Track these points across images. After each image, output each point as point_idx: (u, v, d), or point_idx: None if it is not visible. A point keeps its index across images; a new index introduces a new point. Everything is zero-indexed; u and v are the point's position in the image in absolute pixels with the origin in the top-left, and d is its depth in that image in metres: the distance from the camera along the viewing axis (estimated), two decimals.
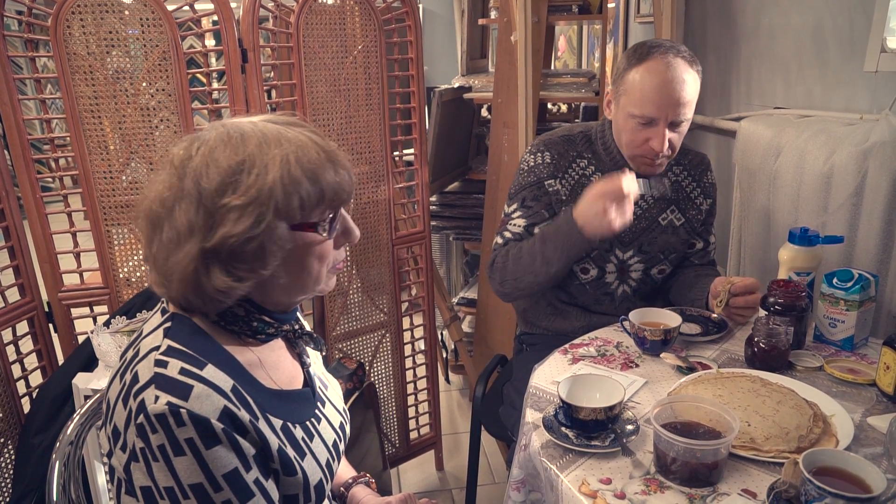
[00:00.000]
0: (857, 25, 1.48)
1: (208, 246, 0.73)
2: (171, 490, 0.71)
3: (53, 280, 1.59)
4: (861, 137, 1.38)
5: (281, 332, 0.86)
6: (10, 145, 1.48)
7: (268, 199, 0.73)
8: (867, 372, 1.16)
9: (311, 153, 0.76)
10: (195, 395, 0.71)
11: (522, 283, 1.42)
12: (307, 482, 0.82)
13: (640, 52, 1.34)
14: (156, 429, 0.70)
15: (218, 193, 0.73)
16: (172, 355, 0.74)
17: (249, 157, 0.74)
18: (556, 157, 1.47)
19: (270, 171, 0.73)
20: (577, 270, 1.51)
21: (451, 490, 2.20)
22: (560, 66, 4.40)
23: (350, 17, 1.75)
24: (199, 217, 0.73)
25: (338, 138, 1.80)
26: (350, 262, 1.91)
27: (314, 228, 0.79)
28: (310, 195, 0.76)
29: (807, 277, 1.34)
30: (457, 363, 2.84)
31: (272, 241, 0.75)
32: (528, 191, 1.49)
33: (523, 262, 1.40)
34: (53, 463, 1.01)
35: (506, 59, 2.14)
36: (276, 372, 0.86)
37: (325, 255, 0.82)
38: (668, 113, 1.32)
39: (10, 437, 1.52)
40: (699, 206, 1.55)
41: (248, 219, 0.73)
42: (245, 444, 0.74)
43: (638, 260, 1.52)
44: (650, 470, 0.93)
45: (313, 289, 0.84)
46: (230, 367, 0.78)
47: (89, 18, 1.45)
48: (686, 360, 1.24)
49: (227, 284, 0.74)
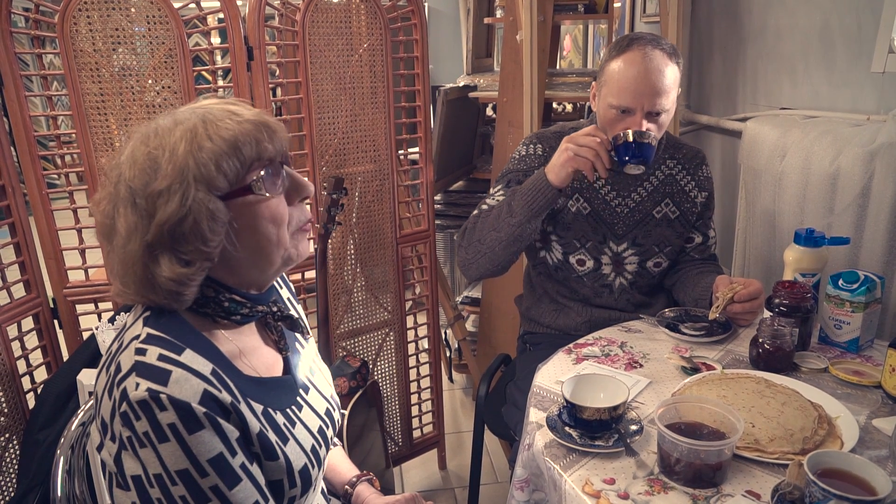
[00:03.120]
0: (865, 26, 1.47)
1: (149, 239, 0.75)
2: (160, 477, 0.72)
3: (59, 276, 1.59)
4: (868, 138, 1.38)
5: (256, 313, 0.86)
6: (17, 142, 1.48)
7: (185, 174, 0.75)
8: (872, 374, 1.16)
9: (223, 122, 0.77)
10: (174, 380, 0.72)
11: (485, 243, 1.40)
12: (290, 467, 0.83)
13: (621, 44, 1.36)
14: (139, 416, 0.71)
15: (143, 186, 0.75)
16: (151, 342, 0.75)
17: (160, 142, 0.76)
18: (548, 150, 1.49)
19: (179, 147, 0.75)
20: (573, 262, 1.53)
21: (454, 489, 2.20)
22: (565, 65, 4.40)
23: (356, 16, 1.75)
24: (136, 215, 0.76)
25: (343, 136, 1.80)
26: (354, 260, 1.92)
27: (249, 191, 0.79)
28: (229, 160, 0.76)
29: (812, 279, 1.34)
30: (460, 362, 2.84)
31: (206, 216, 0.75)
32: (514, 175, 1.51)
33: (489, 219, 1.41)
34: (58, 459, 1.02)
35: (511, 58, 2.14)
36: (255, 359, 0.86)
37: (277, 216, 0.81)
38: (644, 103, 1.33)
39: (15, 433, 1.52)
40: (694, 198, 1.55)
41: (175, 198, 0.74)
42: (228, 427, 0.75)
43: (632, 253, 1.52)
44: (654, 470, 0.93)
45: (279, 255, 0.83)
46: (209, 352, 0.79)
47: (96, 16, 1.45)
48: (690, 361, 1.23)
49: (176, 272, 0.75)
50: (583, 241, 1.51)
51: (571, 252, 1.52)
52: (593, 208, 1.50)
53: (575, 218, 1.49)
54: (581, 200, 1.49)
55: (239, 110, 0.80)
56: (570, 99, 2.34)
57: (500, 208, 1.40)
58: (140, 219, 0.75)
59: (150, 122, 0.80)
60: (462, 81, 2.70)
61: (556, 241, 1.53)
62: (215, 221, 0.76)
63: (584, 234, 1.50)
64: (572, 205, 1.49)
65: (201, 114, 0.78)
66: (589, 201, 1.49)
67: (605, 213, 1.50)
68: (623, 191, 1.50)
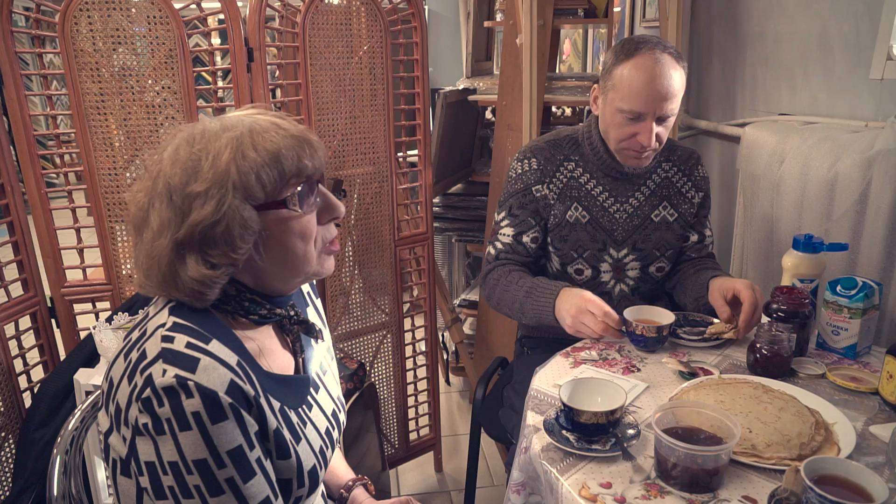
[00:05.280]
0: (864, 32, 1.48)
1: (179, 237, 0.76)
2: (176, 465, 0.72)
3: (56, 276, 1.59)
4: (866, 145, 1.38)
5: (274, 315, 0.87)
6: (16, 141, 1.48)
7: (224, 180, 0.76)
8: (870, 380, 1.16)
9: (268, 133, 0.79)
10: (202, 368, 0.72)
11: (503, 311, 1.52)
12: (301, 467, 0.83)
13: (628, 47, 1.36)
14: (162, 402, 0.71)
15: (182, 185, 0.76)
16: (178, 330, 0.76)
17: (206, 146, 0.77)
18: (543, 162, 1.50)
19: (223, 153, 0.76)
20: (571, 272, 1.53)
21: (450, 492, 2.20)
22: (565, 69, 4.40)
23: (356, 18, 1.76)
24: (170, 212, 0.77)
25: (342, 138, 1.80)
26: (352, 262, 1.91)
27: (283, 205, 0.80)
28: (269, 172, 0.77)
29: (810, 284, 1.34)
30: (457, 365, 2.84)
31: (238, 223, 0.76)
32: (515, 198, 1.52)
33: (506, 299, 1.48)
34: (54, 458, 1.01)
35: (511, 61, 2.15)
36: (272, 359, 0.87)
37: (306, 232, 0.82)
38: (655, 108, 1.34)
39: (11, 432, 1.52)
40: (691, 199, 1.56)
41: (211, 202, 0.75)
42: (250, 420, 0.76)
43: (634, 258, 1.53)
44: (651, 475, 0.93)
45: (304, 270, 0.84)
46: (234, 344, 0.79)
47: (96, 16, 1.45)
48: (688, 366, 1.23)
49: (202, 273, 0.76)
50: (580, 251, 1.51)
51: (569, 262, 1.53)
52: (592, 216, 1.50)
53: (573, 227, 1.50)
54: (580, 209, 1.50)
55: (285, 124, 0.81)
56: (569, 103, 2.34)
57: (514, 300, 1.45)
58: (174, 216, 0.77)
59: (197, 123, 0.82)
60: (461, 84, 2.71)
61: (554, 253, 1.53)
62: (246, 230, 0.77)
63: (582, 243, 1.51)
64: (571, 214, 1.49)
65: (249, 123, 0.80)
66: (588, 209, 1.50)
67: (603, 219, 1.50)
68: (620, 196, 1.50)
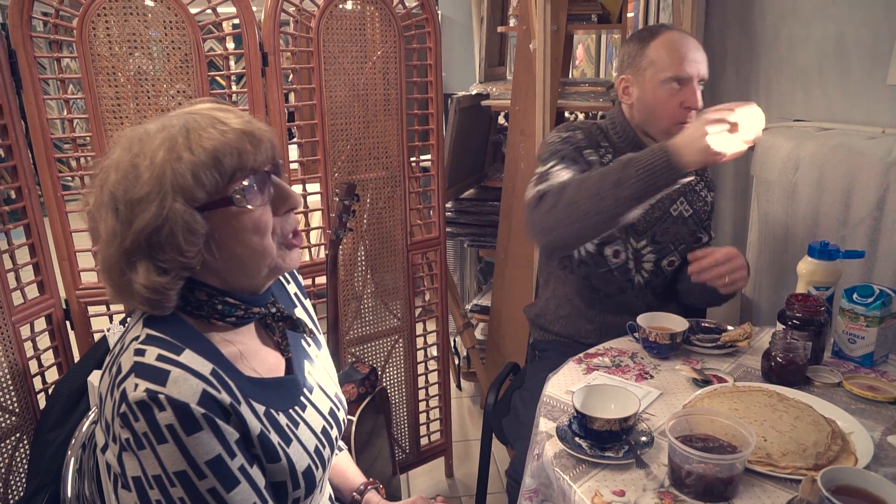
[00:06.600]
0: (881, 37, 1.46)
1: (127, 245, 0.75)
2: (159, 478, 0.72)
3: (72, 278, 1.60)
4: (883, 152, 1.37)
5: (252, 314, 0.85)
6: (34, 144, 1.50)
7: (162, 182, 0.74)
8: (887, 389, 1.15)
9: (205, 131, 0.76)
10: (172, 380, 0.72)
11: (581, 208, 1.23)
12: (293, 469, 0.82)
13: (650, 30, 1.44)
14: (137, 417, 0.70)
15: (124, 192, 0.75)
16: (150, 343, 0.75)
17: (142, 149, 0.76)
18: (587, 136, 1.48)
19: (158, 154, 0.74)
20: (609, 254, 1.51)
21: (461, 497, 2.19)
22: (578, 74, 4.39)
23: (370, 23, 1.76)
24: (116, 221, 0.75)
25: (355, 143, 1.81)
26: (365, 266, 1.92)
27: (230, 202, 0.77)
28: (208, 171, 0.75)
29: (826, 292, 1.33)
30: (469, 370, 2.83)
31: (182, 226, 0.74)
32: (565, 151, 1.43)
33: (586, 188, 1.24)
34: (68, 459, 1.02)
35: (524, 67, 2.15)
36: (256, 361, 0.86)
37: (260, 225, 0.79)
38: (699, 68, 1.39)
39: (26, 433, 1.53)
40: (704, 198, 1.60)
41: (152, 207, 0.74)
42: (228, 429, 0.75)
43: (651, 250, 1.54)
44: (664, 483, 0.92)
45: (266, 265, 0.82)
46: (209, 352, 0.78)
47: (113, 21, 1.47)
48: (702, 373, 1.22)
49: (151, 280, 0.75)
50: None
51: (609, 242, 1.50)
52: None
53: None
54: None
55: (226, 118, 0.78)
56: (582, 108, 2.34)
57: (605, 175, 1.22)
58: (119, 225, 0.75)
59: (139, 125, 0.80)
60: (475, 90, 2.71)
61: None
62: (191, 233, 0.75)
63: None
64: None
65: (185, 121, 0.77)
66: None
67: None
68: None
